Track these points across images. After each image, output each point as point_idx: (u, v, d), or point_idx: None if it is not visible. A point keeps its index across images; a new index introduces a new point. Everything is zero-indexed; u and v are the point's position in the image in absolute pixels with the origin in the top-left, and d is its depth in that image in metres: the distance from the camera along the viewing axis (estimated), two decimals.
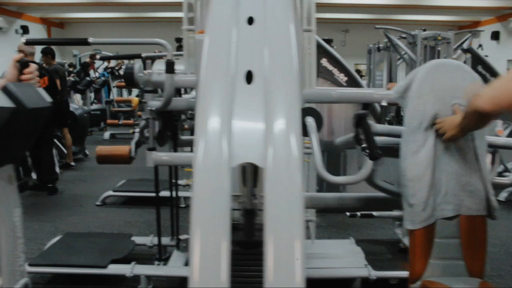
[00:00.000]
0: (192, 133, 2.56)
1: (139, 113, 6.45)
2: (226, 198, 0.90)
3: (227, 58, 1.26)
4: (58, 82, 4.46)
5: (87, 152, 5.89)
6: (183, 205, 3.74)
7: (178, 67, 2.22)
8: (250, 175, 1.54)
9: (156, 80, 2.00)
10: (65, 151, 5.20)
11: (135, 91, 9.40)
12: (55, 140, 4.71)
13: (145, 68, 2.27)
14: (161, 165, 2.13)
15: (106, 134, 7.72)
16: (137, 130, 2.37)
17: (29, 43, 1.70)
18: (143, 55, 2.52)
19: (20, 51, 3.83)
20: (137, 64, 2.01)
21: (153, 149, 2.05)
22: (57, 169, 4.34)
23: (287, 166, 0.88)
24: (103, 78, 8.81)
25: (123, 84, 9.52)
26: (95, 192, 4.08)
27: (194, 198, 0.83)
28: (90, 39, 1.80)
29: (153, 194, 3.72)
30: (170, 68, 1.84)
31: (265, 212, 0.80)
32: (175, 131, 2.35)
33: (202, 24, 2.06)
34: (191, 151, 2.31)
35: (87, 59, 8.76)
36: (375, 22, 7.39)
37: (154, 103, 2.02)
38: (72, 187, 4.44)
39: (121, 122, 8.24)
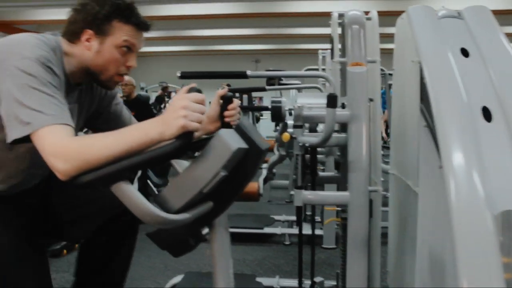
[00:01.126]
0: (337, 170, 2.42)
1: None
2: (494, 248, 0.82)
3: (457, 93, 1.13)
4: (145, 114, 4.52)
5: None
6: (287, 243, 3.61)
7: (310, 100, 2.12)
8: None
9: (308, 114, 1.91)
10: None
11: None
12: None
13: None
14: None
15: None
16: (264, 166, 2.28)
17: (184, 76, 1.64)
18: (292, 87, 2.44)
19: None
20: (284, 98, 1.93)
21: (301, 187, 1.94)
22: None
23: None
24: None
25: None
26: None
27: (458, 243, 0.81)
28: (248, 72, 1.73)
29: (257, 231, 3.65)
30: (332, 102, 1.73)
31: None
32: (315, 167, 2.23)
33: (353, 55, 1.94)
34: (339, 189, 2.18)
35: (159, 92, 8.98)
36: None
37: (308, 139, 1.91)
38: None
39: None
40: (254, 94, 7.34)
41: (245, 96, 7.71)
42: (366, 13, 2.08)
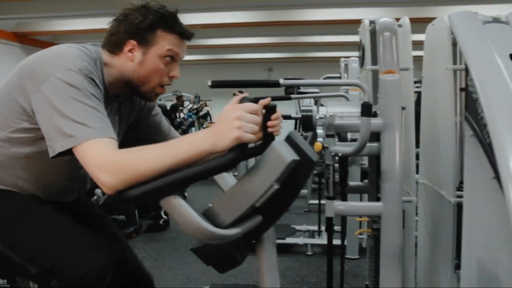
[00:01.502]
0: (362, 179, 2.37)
1: None
2: None
3: (511, 100, 1.09)
4: None
5: (186, 194, 5.87)
6: (309, 253, 3.56)
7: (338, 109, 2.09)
8: None
9: (340, 123, 1.87)
10: None
11: None
12: None
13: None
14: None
15: None
16: None
17: (214, 85, 1.61)
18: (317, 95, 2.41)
19: None
20: (314, 107, 1.90)
21: (333, 198, 1.90)
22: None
23: None
24: (190, 119, 9.01)
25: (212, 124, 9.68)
26: None
27: None
28: (281, 81, 1.69)
29: (279, 241, 3.60)
30: (367, 111, 1.69)
31: None
32: (346, 177, 2.19)
33: (385, 63, 1.91)
34: (370, 199, 2.14)
35: (174, 101, 9.00)
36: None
37: (341, 148, 1.87)
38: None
39: None
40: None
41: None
42: (397, 19, 2.04)
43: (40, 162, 1.19)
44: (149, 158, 0.94)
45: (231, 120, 0.91)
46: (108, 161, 0.96)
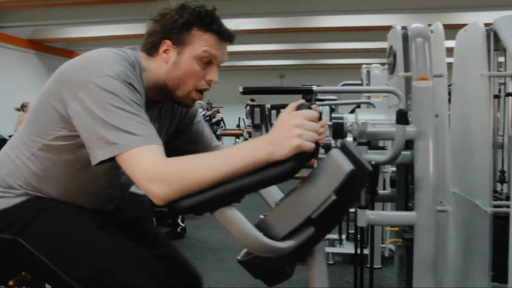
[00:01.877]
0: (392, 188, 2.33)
1: None
2: None
3: None
4: None
5: None
6: (331, 262, 3.51)
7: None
8: None
9: (372, 131, 1.83)
10: None
11: None
12: None
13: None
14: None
15: None
16: None
17: (246, 92, 1.57)
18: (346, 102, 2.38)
19: None
20: (346, 114, 1.87)
21: (365, 207, 1.86)
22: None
23: None
24: None
25: (228, 132, 9.72)
26: (230, 244, 3.94)
27: None
28: (314, 87, 1.66)
29: None
30: (403, 118, 1.65)
31: None
32: (376, 186, 2.15)
33: (418, 70, 1.87)
34: (398, 208, 2.09)
35: None
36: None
37: (375, 156, 1.83)
38: (207, 236, 4.34)
39: None
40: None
41: (273, 112, 7.69)
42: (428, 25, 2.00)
43: (81, 171, 1.15)
44: (203, 167, 0.90)
45: (291, 127, 0.87)
46: (160, 170, 0.92)
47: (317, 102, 2.68)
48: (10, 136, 3.54)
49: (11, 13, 8.72)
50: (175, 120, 1.36)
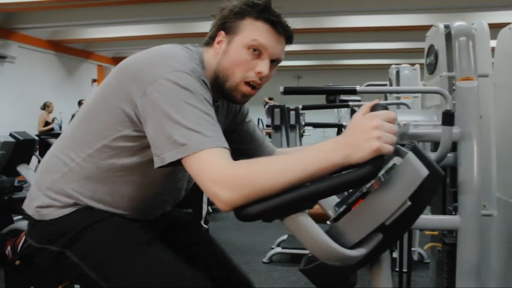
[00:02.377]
0: None
1: None
2: None
3: None
4: None
5: None
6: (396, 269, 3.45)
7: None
8: None
9: (414, 132, 1.79)
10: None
11: None
12: None
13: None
14: None
15: None
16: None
17: (287, 92, 1.53)
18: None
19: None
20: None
21: None
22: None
23: None
24: None
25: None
26: (255, 246, 3.91)
27: None
28: (358, 88, 1.62)
29: None
30: (449, 119, 1.60)
31: None
32: None
33: (462, 69, 1.81)
34: (435, 212, 2.03)
35: None
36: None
37: None
38: (231, 238, 4.32)
39: None
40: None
41: (292, 113, 7.62)
42: None
43: (139, 175, 1.09)
44: (274, 172, 0.84)
45: (369, 129, 0.81)
46: (229, 174, 0.87)
47: (350, 103, 2.63)
48: (37, 136, 3.54)
49: (31, 14, 8.79)
50: (228, 120, 1.31)
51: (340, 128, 4.47)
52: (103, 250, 1.06)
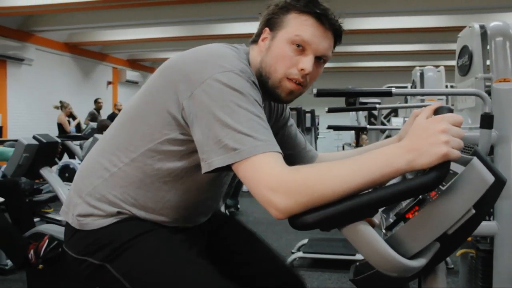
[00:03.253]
0: None
1: None
2: None
3: None
4: None
5: (239, 206, 5.77)
6: None
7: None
8: None
9: None
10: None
11: None
12: None
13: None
14: None
15: None
16: None
17: (320, 94, 1.49)
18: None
19: None
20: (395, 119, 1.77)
21: None
22: None
23: None
24: None
25: None
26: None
27: None
28: (393, 90, 1.57)
29: (349, 257, 3.45)
30: (488, 122, 1.56)
31: None
32: None
33: (498, 71, 1.77)
34: None
35: None
36: None
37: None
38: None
39: None
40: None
41: (307, 115, 7.58)
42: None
43: (185, 180, 1.04)
44: (334, 178, 0.80)
45: (436, 133, 0.76)
46: (285, 180, 0.82)
47: (378, 106, 2.58)
48: (58, 136, 3.54)
49: (48, 17, 8.85)
50: (271, 123, 1.21)
51: (362, 130, 4.43)
52: (146, 268, 1.00)
